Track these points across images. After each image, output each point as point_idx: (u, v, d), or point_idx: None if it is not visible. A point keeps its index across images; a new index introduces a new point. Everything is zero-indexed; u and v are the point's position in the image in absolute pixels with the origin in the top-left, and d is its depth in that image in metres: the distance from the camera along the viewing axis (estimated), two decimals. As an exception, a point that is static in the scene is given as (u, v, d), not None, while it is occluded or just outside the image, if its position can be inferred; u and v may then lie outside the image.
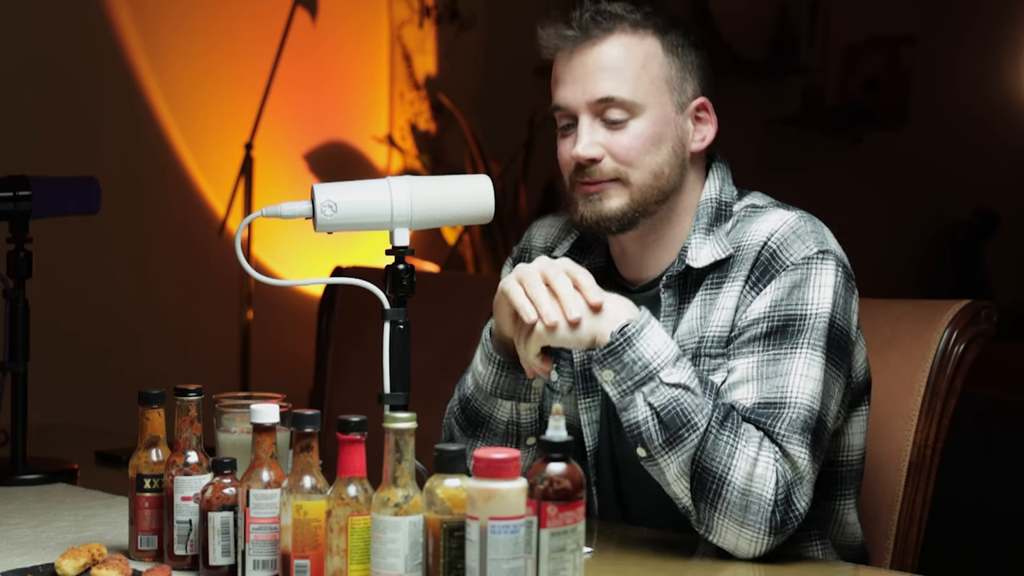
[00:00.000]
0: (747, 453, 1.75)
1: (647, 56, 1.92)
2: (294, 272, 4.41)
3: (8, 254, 2.31)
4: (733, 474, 1.75)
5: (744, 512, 1.75)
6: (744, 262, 1.89)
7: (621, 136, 1.91)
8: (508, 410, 1.95)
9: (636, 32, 1.92)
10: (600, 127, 1.91)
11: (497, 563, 1.39)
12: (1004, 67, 6.16)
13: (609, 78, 1.90)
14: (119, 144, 4.12)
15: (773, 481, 1.76)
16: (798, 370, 1.81)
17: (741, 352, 1.85)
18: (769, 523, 1.75)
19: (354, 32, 4.72)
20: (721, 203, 1.95)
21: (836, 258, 1.88)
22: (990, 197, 6.07)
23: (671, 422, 1.75)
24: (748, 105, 5.47)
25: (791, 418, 1.79)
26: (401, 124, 4.83)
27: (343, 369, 2.95)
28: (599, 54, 1.91)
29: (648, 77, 1.91)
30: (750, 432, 1.77)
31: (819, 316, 1.84)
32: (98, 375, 3.95)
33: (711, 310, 1.89)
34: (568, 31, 1.92)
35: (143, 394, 1.78)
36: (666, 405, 1.75)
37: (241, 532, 1.61)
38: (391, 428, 1.48)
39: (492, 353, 1.92)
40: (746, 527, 1.76)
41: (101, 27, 4.11)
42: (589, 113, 1.91)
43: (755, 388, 1.81)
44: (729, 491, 1.75)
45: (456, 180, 1.84)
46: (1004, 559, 2.91)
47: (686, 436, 1.75)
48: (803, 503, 1.78)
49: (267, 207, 1.77)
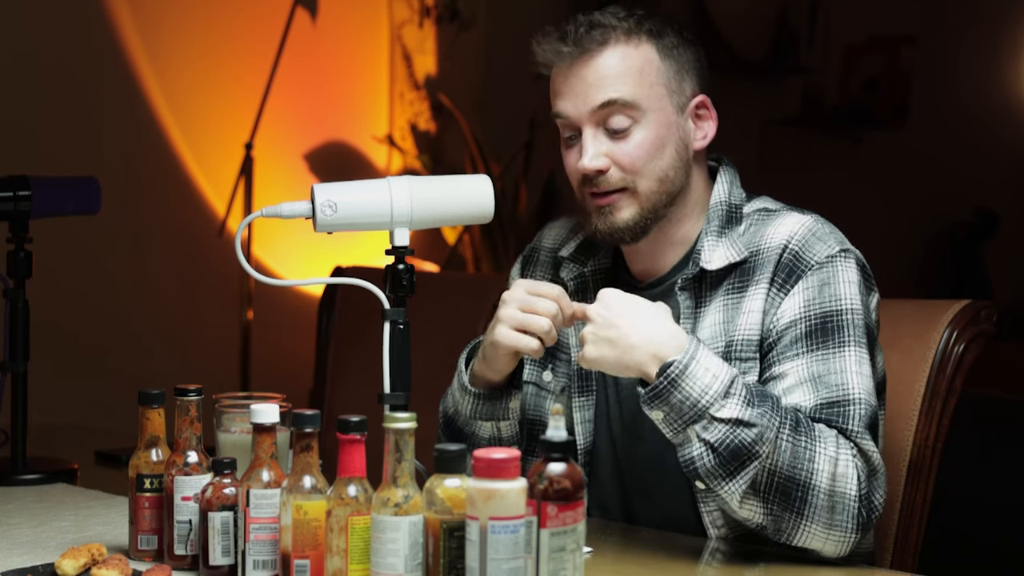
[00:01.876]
0: (827, 454, 1.75)
1: (644, 63, 1.92)
2: (294, 272, 4.41)
3: (8, 254, 2.31)
4: (817, 478, 1.75)
5: (831, 513, 1.75)
6: (766, 265, 1.89)
7: (625, 144, 1.91)
8: (489, 429, 1.99)
9: (631, 40, 1.92)
10: (603, 137, 1.92)
11: (497, 563, 1.39)
12: (1004, 67, 6.16)
13: (608, 85, 1.90)
14: (119, 144, 4.12)
15: (855, 478, 1.76)
16: (851, 367, 1.82)
17: (786, 356, 1.85)
18: (856, 520, 1.76)
19: (354, 32, 4.72)
20: (731, 206, 1.96)
21: (856, 257, 1.90)
22: (990, 197, 6.07)
23: (731, 457, 1.73)
24: (748, 105, 5.47)
25: (859, 414, 1.80)
26: (401, 124, 4.83)
27: (343, 369, 2.95)
28: (596, 66, 1.91)
29: (647, 83, 1.92)
30: (824, 433, 1.77)
31: (854, 311, 1.85)
32: (98, 375, 3.95)
33: (736, 314, 1.90)
34: (563, 47, 1.92)
35: (143, 394, 1.79)
36: (722, 440, 1.74)
37: (241, 532, 1.61)
38: (391, 428, 1.48)
39: (467, 386, 1.97)
40: (834, 528, 1.76)
41: (101, 27, 4.11)
42: (592, 123, 1.92)
43: (812, 389, 1.82)
44: (815, 496, 1.75)
45: (456, 180, 1.84)
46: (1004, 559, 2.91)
47: (748, 465, 1.74)
48: (881, 495, 1.79)
49: (267, 207, 1.77)
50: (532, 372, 2.05)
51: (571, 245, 2.06)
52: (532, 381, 2.05)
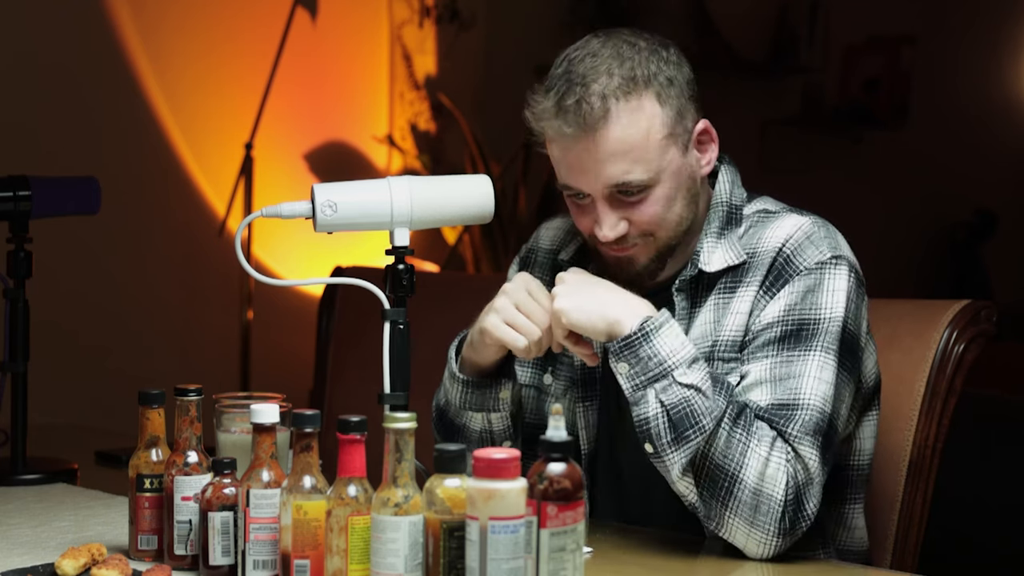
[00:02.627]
0: (759, 452, 1.76)
1: (649, 124, 1.84)
2: (294, 272, 4.41)
3: (8, 254, 2.31)
4: (745, 473, 1.75)
5: (754, 512, 1.75)
6: (759, 267, 1.89)
7: (643, 207, 1.87)
8: (480, 421, 1.99)
9: (630, 100, 1.83)
10: (618, 203, 1.87)
11: (497, 563, 1.39)
12: (1004, 67, 6.17)
13: (619, 162, 1.83)
14: (119, 144, 4.12)
15: (783, 482, 1.76)
16: (811, 373, 1.81)
17: (755, 356, 1.85)
18: (779, 524, 1.75)
19: (354, 32, 4.72)
20: (732, 206, 1.95)
21: (849, 263, 1.88)
22: (990, 197, 6.08)
23: (680, 422, 1.75)
24: (748, 105, 5.47)
25: (804, 420, 1.79)
26: (401, 124, 4.83)
27: (343, 369, 2.95)
28: (603, 141, 1.83)
29: (655, 145, 1.85)
30: (763, 431, 1.77)
31: (832, 320, 1.84)
32: (98, 375, 3.95)
33: (724, 314, 1.90)
34: (565, 128, 1.84)
35: (143, 394, 1.78)
36: (676, 404, 1.75)
37: (241, 532, 1.61)
38: (391, 428, 1.48)
39: (455, 373, 1.96)
40: (756, 527, 1.76)
41: (101, 27, 4.11)
42: (605, 196, 1.87)
43: (769, 390, 1.82)
44: (740, 489, 1.75)
45: (456, 180, 1.84)
46: (1004, 559, 2.91)
47: (692, 437, 1.75)
48: (812, 505, 1.78)
49: (267, 207, 1.77)
50: (533, 375, 2.04)
51: (570, 248, 2.05)
52: (533, 384, 2.04)
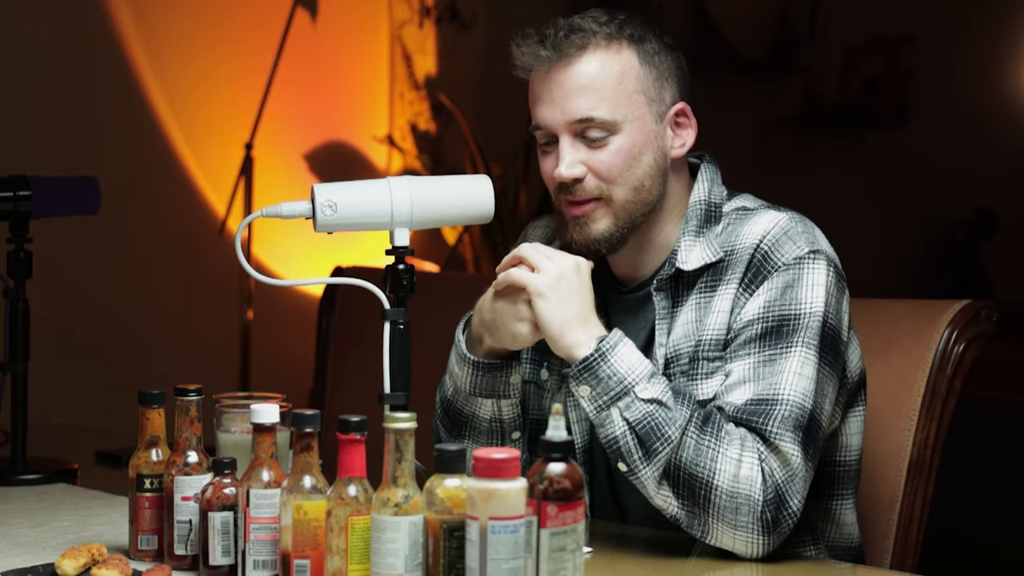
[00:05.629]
0: (730, 455, 1.76)
1: (623, 71, 1.90)
2: (294, 272, 4.41)
3: (8, 254, 2.31)
4: (719, 478, 1.76)
5: (735, 514, 1.76)
6: (738, 265, 1.89)
7: (602, 153, 1.90)
8: (490, 408, 1.97)
9: (611, 46, 1.90)
10: (581, 145, 1.90)
11: (497, 563, 1.39)
12: (1004, 67, 6.16)
13: (586, 97, 1.88)
14: (119, 144, 4.12)
15: (759, 481, 1.76)
16: (792, 368, 1.82)
17: (737, 354, 1.85)
18: (760, 523, 1.76)
19: (354, 32, 4.72)
20: (711, 204, 1.95)
21: (827, 257, 1.88)
22: (990, 197, 6.07)
23: (646, 436, 1.76)
24: (748, 105, 5.47)
25: (783, 415, 1.79)
26: (401, 124, 4.83)
27: (343, 369, 2.95)
28: (575, 73, 1.89)
29: (625, 92, 1.89)
30: (731, 435, 1.78)
31: (812, 315, 1.84)
32: (98, 375, 3.95)
33: (706, 313, 1.90)
34: (542, 51, 1.90)
35: (143, 394, 1.79)
36: (641, 420, 1.77)
37: (241, 532, 1.62)
38: (391, 428, 1.48)
39: (465, 354, 1.94)
40: (739, 529, 1.76)
41: (101, 27, 4.11)
42: (569, 132, 1.90)
43: (750, 389, 1.82)
44: (717, 495, 1.76)
45: (456, 180, 1.84)
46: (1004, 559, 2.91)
47: (660, 449, 1.76)
48: (796, 501, 1.78)
49: (267, 207, 1.77)
50: (531, 371, 2.05)
51: (556, 244, 2.06)
52: (531, 380, 2.04)
